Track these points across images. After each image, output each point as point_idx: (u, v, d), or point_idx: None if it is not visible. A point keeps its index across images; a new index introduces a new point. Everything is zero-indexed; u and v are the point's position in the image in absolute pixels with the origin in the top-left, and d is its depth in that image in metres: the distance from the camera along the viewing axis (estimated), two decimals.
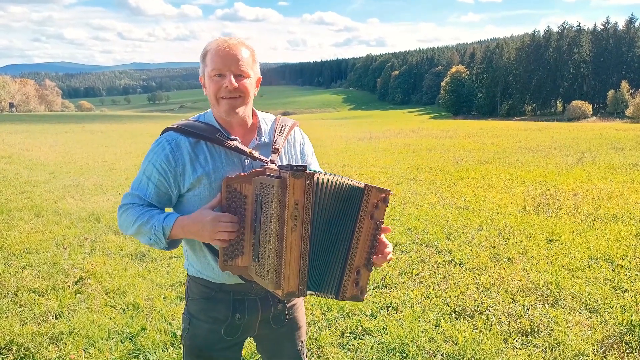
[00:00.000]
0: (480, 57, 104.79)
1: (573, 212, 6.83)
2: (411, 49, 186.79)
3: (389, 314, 3.72)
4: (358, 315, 3.67)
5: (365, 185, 1.44)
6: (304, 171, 1.32)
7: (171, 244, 1.55)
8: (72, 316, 3.65)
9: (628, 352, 3.12)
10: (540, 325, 3.49)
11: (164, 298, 4.01)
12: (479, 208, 7.24)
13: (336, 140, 21.43)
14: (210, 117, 1.62)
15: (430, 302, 3.91)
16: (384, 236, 1.55)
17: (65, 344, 3.26)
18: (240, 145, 1.56)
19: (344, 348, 3.25)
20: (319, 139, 20.92)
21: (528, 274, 4.49)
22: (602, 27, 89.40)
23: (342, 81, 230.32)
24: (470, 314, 3.72)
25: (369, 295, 4.01)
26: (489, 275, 4.47)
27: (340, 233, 1.45)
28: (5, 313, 3.72)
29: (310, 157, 1.80)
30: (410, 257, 5.01)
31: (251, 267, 1.47)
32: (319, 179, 1.38)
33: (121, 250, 5.30)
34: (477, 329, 3.47)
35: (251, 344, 3.04)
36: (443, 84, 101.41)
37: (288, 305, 1.76)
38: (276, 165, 1.54)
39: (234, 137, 1.58)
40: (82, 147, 17.78)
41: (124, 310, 3.81)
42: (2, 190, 8.83)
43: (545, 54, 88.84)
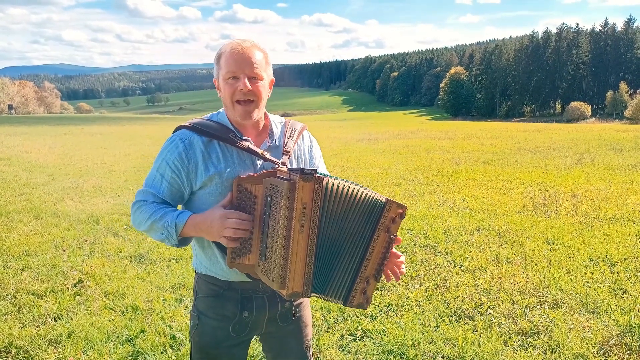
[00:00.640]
0: (479, 59, 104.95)
1: (572, 213, 6.83)
2: (410, 51, 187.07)
3: (389, 316, 3.71)
4: (357, 317, 3.67)
5: (387, 200, 1.47)
6: (314, 175, 1.35)
7: (182, 242, 1.58)
8: (71, 318, 3.64)
9: (628, 354, 3.12)
10: (540, 327, 3.49)
11: (163, 300, 4.01)
12: (479, 209, 7.24)
13: (335, 141, 21.42)
14: (223, 117, 1.65)
15: (430, 304, 3.91)
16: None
17: (64, 346, 3.26)
18: (252, 147, 1.59)
19: (343, 350, 3.25)
20: (319, 140, 20.47)
21: (527, 275, 4.49)
22: (601, 28, 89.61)
23: (341, 82, 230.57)
24: (470, 315, 3.72)
25: None
26: (489, 277, 4.47)
27: (355, 242, 1.48)
28: (4, 315, 3.71)
29: (317, 160, 1.83)
30: (410, 259, 5.01)
31: (258, 266, 1.49)
32: (328, 183, 1.40)
33: (120, 252, 5.29)
34: (477, 330, 3.47)
35: (252, 347, 3.04)
36: (442, 85, 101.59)
37: (295, 304, 1.78)
38: (287, 167, 1.57)
39: (247, 138, 1.60)
40: (81, 149, 17.75)
41: (123, 312, 3.81)
42: (1, 193, 8.81)
43: (544, 55, 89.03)
